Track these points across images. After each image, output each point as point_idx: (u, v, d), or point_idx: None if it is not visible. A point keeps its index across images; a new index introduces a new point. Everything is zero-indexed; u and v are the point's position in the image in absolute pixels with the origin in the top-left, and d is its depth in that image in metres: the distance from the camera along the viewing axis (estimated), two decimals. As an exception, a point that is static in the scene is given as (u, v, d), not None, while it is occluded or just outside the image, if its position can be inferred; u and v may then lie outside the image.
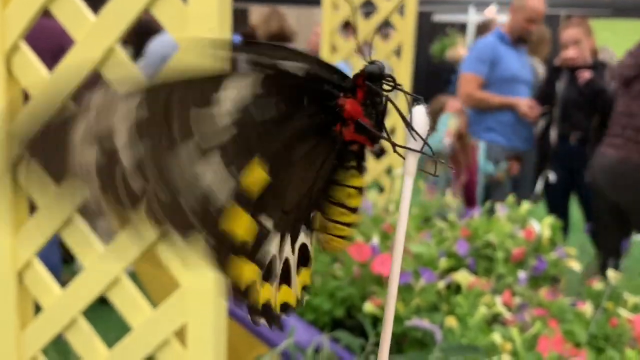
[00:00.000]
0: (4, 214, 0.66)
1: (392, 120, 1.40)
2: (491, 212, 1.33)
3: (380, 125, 0.26)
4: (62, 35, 1.25)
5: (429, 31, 4.25)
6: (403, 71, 1.63)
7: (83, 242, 0.65)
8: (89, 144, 0.21)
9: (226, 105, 0.23)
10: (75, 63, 0.60)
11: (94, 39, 0.59)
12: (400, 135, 1.34)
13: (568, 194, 2.16)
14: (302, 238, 0.27)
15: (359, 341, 0.78)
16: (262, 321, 0.25)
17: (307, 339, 0.83)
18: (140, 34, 2.29)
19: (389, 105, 0.26)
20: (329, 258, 1.05)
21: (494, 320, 0.97)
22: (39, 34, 0.71)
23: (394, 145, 0.25)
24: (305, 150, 0.25)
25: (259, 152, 0.24)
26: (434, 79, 3.67)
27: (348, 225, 0.27)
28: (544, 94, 2.08)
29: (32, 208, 0.67)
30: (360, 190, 0.27)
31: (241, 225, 0.24)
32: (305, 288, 0.27)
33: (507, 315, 0.94)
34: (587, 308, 1.05)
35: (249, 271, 0.24)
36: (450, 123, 1.81)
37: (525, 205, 1.30)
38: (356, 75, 0.25)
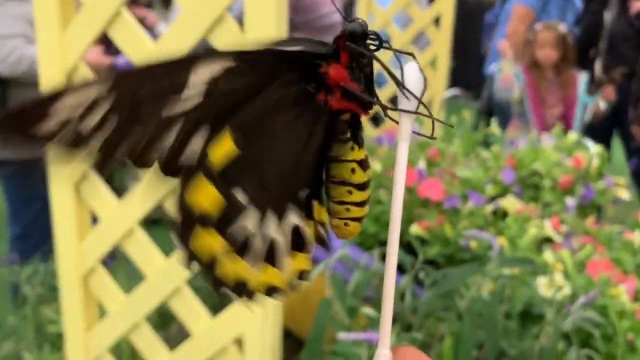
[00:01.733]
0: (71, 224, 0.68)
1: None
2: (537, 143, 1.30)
3: (369, 89, 0.23)
4: None
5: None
6: (445, 5, 1.58)
7: (145, 252, 0.66)
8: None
9: (197, 87, 0.22)
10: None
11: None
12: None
13: (611, 130, 2.10)
14: (295, 220, 0.24)
15: (409, 258, 0.78)
16: (234, 296, 0.24)
17: (356, 258, 0.84)
18: None
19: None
20: (375, 183, 1.04)
21: (541, 246, 0.97)
22: None
23: (384, 108, 0.23)
24: (285, 122, 0.23)
25: (229, 122, 0.22)
26: (468, 19, 3.54)
27: (358, 204, 0.25)
28: (590, 25, 2.00)
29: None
30: (362, 163, 0.24)
31: (205, 197, 0.22)
32: (302, 274, 0.25)
33: (556, 238, 0.93)
34: (635, 237, 1.03)
35: (213, 244, 0.23)
36: (503, 67, 1.70)
37: (572, 135, 1.27)
38: (337, 38, 0.23)
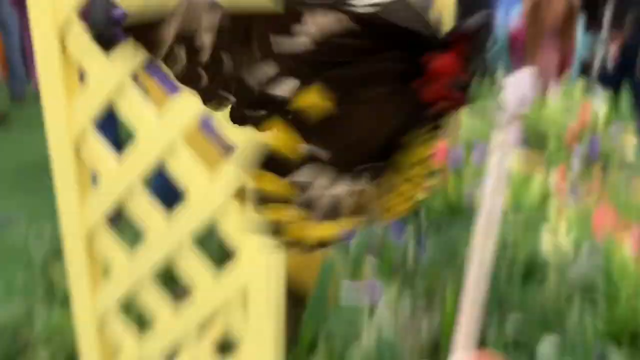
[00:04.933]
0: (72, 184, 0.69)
1: None
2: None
3: (472, 86, 0.23)
4: None
5: None
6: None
7: (147, 210, 0.66)
8: (177, 42, 0.23)
9: (307, 37, 0.22)
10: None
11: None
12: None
13: (619, 83, 2.06)
14: (363, 185, 0.25)
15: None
16: (298, 251, 0.25)
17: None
18: None
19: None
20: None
21: (546, 200, 0.96)
22: None
23: (493, 108, 0.23)
24: (377, 93, 0.23)
25: (324, 76, 0.23)
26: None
27: (422, 189, 0.26)
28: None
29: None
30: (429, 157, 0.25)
31: (284, 141, 0.23)
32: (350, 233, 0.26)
33: (560, 191, 0.92)
34: (641, 185, 1.01)
35: (283, 212, 0.24)
36: None
37: (580, 85, 1.25)
38: (453, 30, 0.23)
